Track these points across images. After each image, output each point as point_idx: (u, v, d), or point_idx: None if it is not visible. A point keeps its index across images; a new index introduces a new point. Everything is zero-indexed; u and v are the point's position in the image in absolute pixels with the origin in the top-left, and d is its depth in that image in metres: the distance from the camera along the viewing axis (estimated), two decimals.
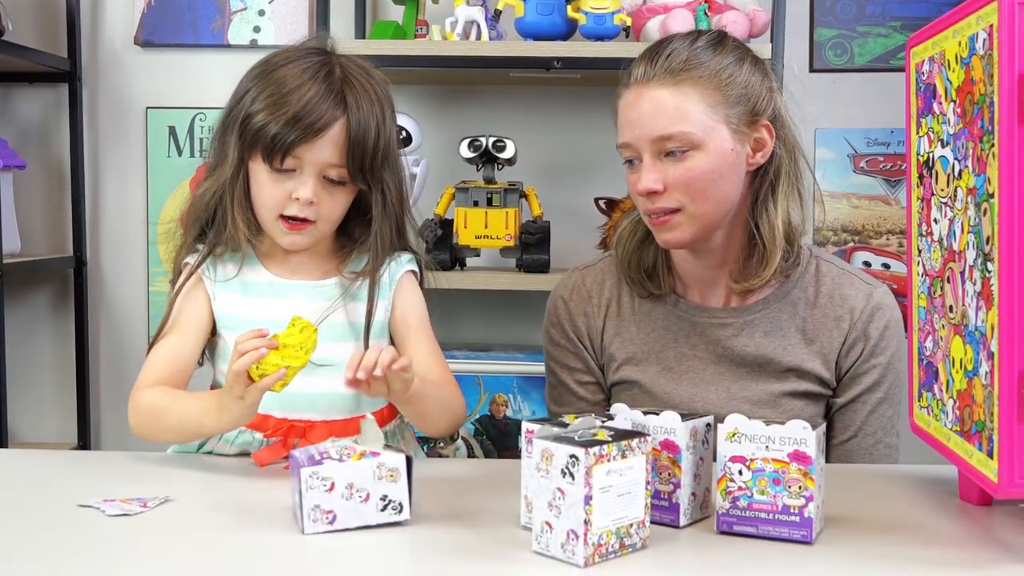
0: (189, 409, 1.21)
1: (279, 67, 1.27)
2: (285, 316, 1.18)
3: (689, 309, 1.41)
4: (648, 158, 1.29)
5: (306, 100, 1.23)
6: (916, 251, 1.16)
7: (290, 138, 1.23)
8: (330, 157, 1.25)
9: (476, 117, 2.40)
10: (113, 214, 2.51)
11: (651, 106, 1.28)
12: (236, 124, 1.26)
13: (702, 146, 1.28)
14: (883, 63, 2.39)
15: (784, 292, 1.39)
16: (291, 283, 1.33)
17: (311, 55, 1.29)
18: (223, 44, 2.44)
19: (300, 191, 1.25)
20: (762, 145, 1.33)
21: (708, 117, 1.28)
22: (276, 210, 1.27)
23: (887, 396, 1.39)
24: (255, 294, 1.32)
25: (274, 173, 1.26)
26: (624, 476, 0.92)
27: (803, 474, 0.96)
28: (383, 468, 0.99)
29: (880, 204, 2.41)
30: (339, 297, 1.33)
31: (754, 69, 1.33)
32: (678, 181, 1.29)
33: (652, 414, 1.04)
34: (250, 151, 1.26)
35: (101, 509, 1.06)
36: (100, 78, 2.48)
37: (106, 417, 2.54)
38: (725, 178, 1.30)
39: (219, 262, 1.33)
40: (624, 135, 1.32)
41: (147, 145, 2.47)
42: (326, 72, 1.27)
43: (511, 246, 2.14)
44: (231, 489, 1.16)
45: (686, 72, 1.28)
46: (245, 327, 1.26)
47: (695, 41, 1.32)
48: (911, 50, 1.16)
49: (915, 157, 1.15)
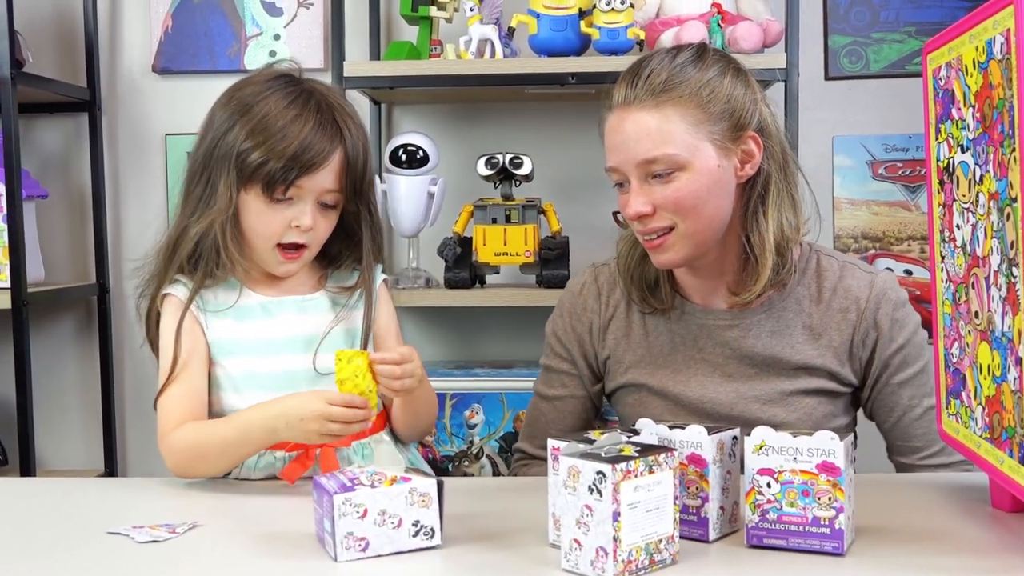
0: (229, 435, 1.24)
1: (259, 100, 1.28)
2: (277, 334, 1.29)
3: (695, 312, 1.42)
4: (635, 181, 1.30)
5: (306, 133, 1.27)
6: (939, 257, 1.16)
7: (294, 172, 1.26)
8: (329, 184, 1.30)
9: (492, 135, 2.41)
10: (135, 240, 2.53)
11: (634, 129, 1.29)
12: (227, 161, 1.27)
13: (687, 166, 1.28)
14: (899, 69, 2.38)
15: (788, 291, 1.39)
16: (281, 300, 1.36)
17: (286, 85, 1.32)
18: (240, 69, 2.46)
19: (302, 219, 1.29)
20: (750, 157, 1.32)
21: (691, 136, 1.28)
22: (274, 239, 1.30)
23: (922, 368, 1.40)
24: (248, 317, 1.34)
25: (272, 203, 1.28)
26: (652, 491, 0.92)
27: (832, 485, 0.96)
28: (415, 493, 0.99)
29: (900, 210, 2.40)
30: (341, 309, 1.37)
31: (736, 81, 1.32)
32: (667, 202, 1.29)
33: (678, 428, 1.03)
34: (245, 185, 1.28)
35: (130, 536, 1.06)
36: (119, 106, 2.50)
37: (132, 443, 2.55)
38: (714, 194, 1.30)
39: (206, 292, 1.34)
40: (611, 159, 1.33)
41: (167, 171, 2.49)
42: (314, 102, 1.30)
43: (531, 262, 2.14)
44: (259, 514, 1.17)
45: (666, 92, 1.28)
46: (242, 351, 1.31)
47: (675, 58, 1.31)
48: (927, 56, 1.15)
49: (935, 163, 1.15)
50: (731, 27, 2.07)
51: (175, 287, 1.33)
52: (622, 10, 2.07)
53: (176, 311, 1.32)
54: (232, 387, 1.32)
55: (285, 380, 1.32)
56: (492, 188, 2.19)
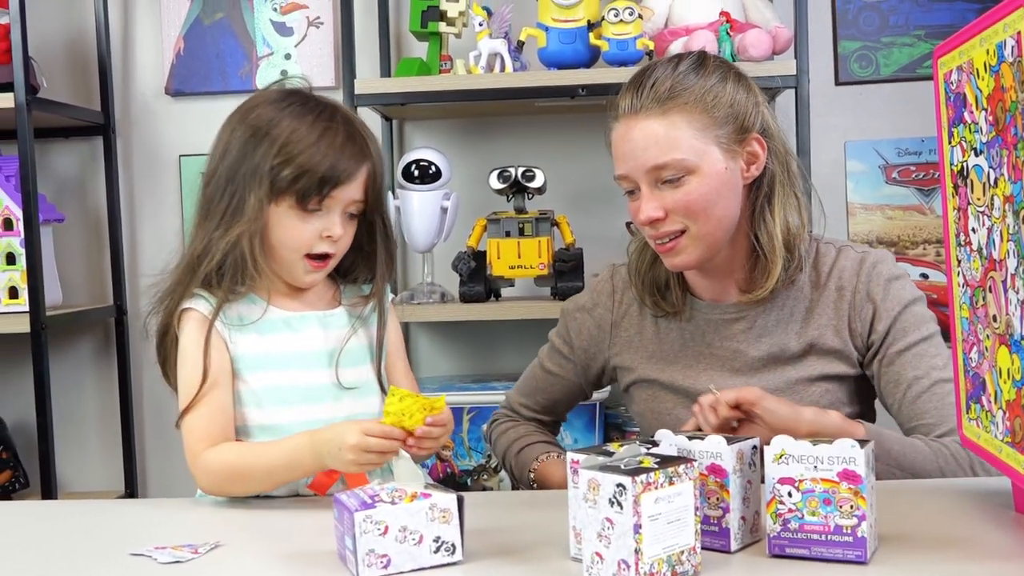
0: (276, 460, 1.25)
1: (284, 117, 1.30)
2: (302, 348, 1.32)
3: (703, 308, 1.45)
4: (646, 187, 1.33)
5: (337, 147, 1.29)
6: (955, 262, 1.15)
7: (328, 184, 1.29)
8: (357, 195, 1.33)
9: (504, 148, 2.42)
10: (151, 262, 2.54)
11: (642, 137, 1.32)
12: (256, 176, 1.29)
13: (696, 170, 1.31)
14: (909, 72, 2.38)
15: (791, 281, 1.42)
16: (304, 315, 1.37)
17: (306, 101, 1.34)
18: (252, 89, 2.47)
19: (333, 229, 1.32)
20: (755, 158, 1.36)
21: (698, 141, 1.31)
22: (304, 249, 1.32)
23: (926, 338, 1.38)
24: (272, 332, 1.35)
25: (304, 214, 1.30)
26: (672, 503, 0.92)
27: (854, 493, 0.95)
28: (435, 509, 0.99)
29: (915, 214, 2.39)
30: (356, 321, 1.39)
31: (738, 86, 1.35)
32: (678, 206, 1.32)
33: (697, 439, 1.03)
34: (277, 198, 1.29)
35: (153, 557, 1.07)
36: (133, 129, 2.52)
37: (151, 464, 2.56)
38: (723, 196, 1.33)
39: (228, 307, 1.34)
40: (620, 168, 1.36)
41: (181, 192, 2.51)
42: (340, 117, 1.33)
43: (545, 275, 2.14)
44: (280, 532, 1.17)
45: (672, 100, 1.31)
46: (266, 366, 1.32)
47: (677, 66, 1.35)
48: (938, 60, 1.15)
49: (949, 167, 1.15)
50: (740, 35, 2.07)
51: (196, 301, 1.33)
52: (631, 21, 2.07)
53: (200, 326, 1.32)
54: (255, 402, 1.33)
55: (309, 394, 1.33)
56: (505, 201, 2.19)
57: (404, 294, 2.28)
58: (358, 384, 1.37)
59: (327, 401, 1.34)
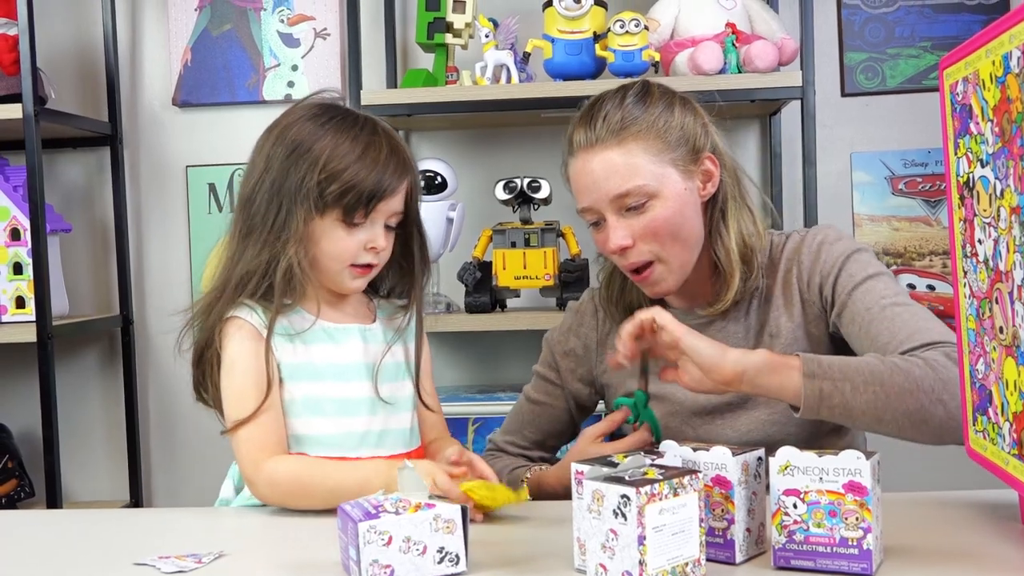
0: (346, 482, 1.24)
1: (324, 133, 1.30)
2: (345, 359, 1.34)
3: (678, 315, 1.42)
4: (611, 217, 1.35)
5: (381, 162, 1.30)
6: (962, 273, 1.15)
7: (374, 199, 1.30)
8: (399, 207, 1.34)
9: (509, 159, 2.42)
10: (157, 272, 2.55)
11: (602, 168, 1.34)
12: (301, 192, 1.29)
13: (658, 194, 1.34)
14: (915, 84, 2.38)
15: (754, 288, 1.43)
16: (346, 328, 1.37)
17: (344, 115, 1.34)
18: (258, 100, 2.48)
19: (378, 241, 1.33)
20: (710, 176, 1.39)
21: (656, 165, 1.34)
22: (349, 260, 1.33)
23: (871, 274, 1.36)
24: (315, 341, 1.34)
25: (349, 227, 1.31)
26: (677, 514, 0.91)
27: (859, 505, 0.95)
28: (440, 520, 0.99)
29: (921, 225, 2.39)
30: (393, 335, 1.40)
31: (684, 111, 1.39)
32: (645, 232, 1.35)
33: (702, 450, 1.03)
34: (322, 213, 1.30)
35: (157, 567, 1.06)
36: (140, 139, 2.53)
37: (157, 474, 2.56)
38: (686, 217, 1.36)
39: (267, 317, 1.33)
40: (583, 200, 1.38)
41: (188, 203, 2.51)
42: (380, 131, 1.34)
43: (551, 285, 2.14)
44: (284, 542, 1.17)
45: (625, 130, 1.34)
46: (308, 376, 1.33)
47: (623, 99, 1.37)
48: (944, 71, 1.15)
49: (955, 178, 1.14)
50: (746, 46, 2.07)
51: (241, 311, 1.32)
52: (636, 32, 2.08)
53: (250, 335, 1.31)
54: (293, 412, 1.32)
55: (346, 406, 1.33)
56: (511, 212, 2.20)
57: None
58: (395, 399, 1.37)
59: (363, 414, 1.34)
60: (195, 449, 2.54)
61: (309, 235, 1.30)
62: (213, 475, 2.48)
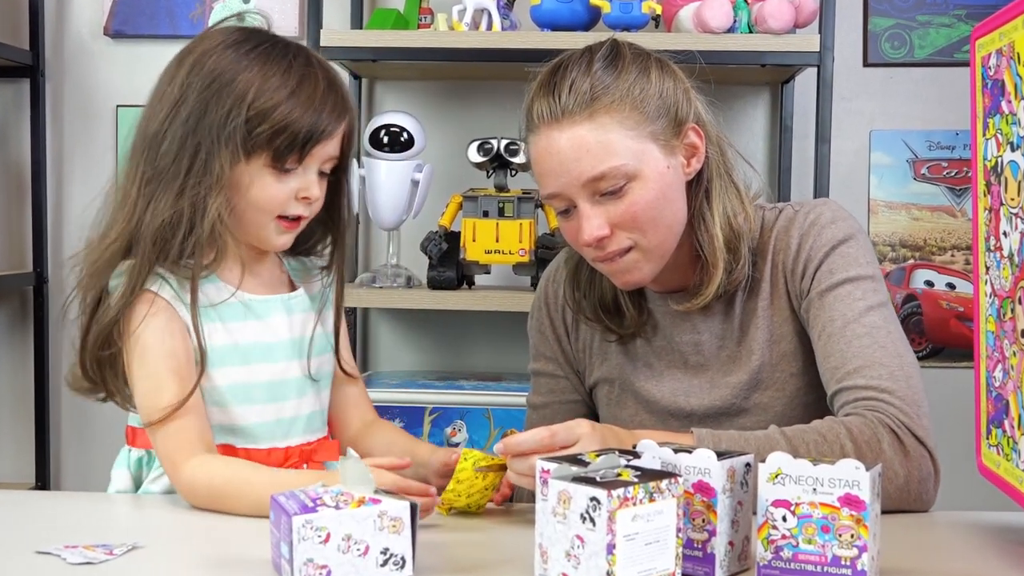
0: (281, 485, 1.15)
1: (249, 63, 1.27)
2: (271, 337, 1.31)
3: (657, 299, 1.45)
4: (584, 204, 1.31)
5: (318, 99, 1.28)
6: (983, 269, 1.16)
7: (310, 141, 1.27)
8: (334, 151, 1.32)
9: (486, 117, 2.42)
10: (78, 225, 2.52)
11: (571, 147, 1.29)
12: (223, 131, 1.25)
13: (638, 175, 1.30)
14: (946, 56, 2.39)
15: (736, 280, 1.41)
16: (267, 300, 1.35)
17: (272, 43, 1.31)
18: None
19: (311, 190, 1.31)
20: (695, 150, 1.35)
21: (633, 141, 1.29)
22: (277, 211, 1.30)
23: (851, 277, 1.34)
24: (235, 318, 1.32)
25: (280, 174, 1.29)
26: (652, 522, 0.92)
27: (856, 521, 0.96)
28: (385, 517, 0.99)
29: (944, 216, 2.41)
30: (317, 303, 1.39)
31: (663, 75, 1.34)
32: (624, 219, 1.31)
33: (684, 452, 1.04)
34: (247, 157, 1.27)
35: (62, 557, 1.06)
36: (66, 73, 2.50)
37: (67, 454, 2.55)
38: (670, 199, 1.32)
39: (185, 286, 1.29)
40: (549, 185, 1.32)
41: (117, 147, 2.49)
42: (315, 64, 1.31)
43: (526, 262, 2.15)
44: (208, 535, 1.17)
45: (596, 101, 1.29)
46: (232, 360, 1.30)
47: (590, 64, 1.32)
48: (976, 42, 1.16)
49: (982, 162, 1.16)
50: (759, 3, 2.08)
51: (155, 283, 1.28)
52: None
53: (163, 312, 1.27)
54: (217, 401, 1.30)
55: (275, 391, 1.33)
56: (484, 177, 2.20)
57: (365, 276, 2.28)
58: (321, 374, 1.38)
59: (292, 397, 1.33)
60: (112, 428, 2.51)
61: (232, 182, 1.27)
62: None
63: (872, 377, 1.27)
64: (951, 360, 2.42)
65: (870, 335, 1.30)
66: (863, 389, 1.27)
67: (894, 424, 1.23)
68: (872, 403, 1.25)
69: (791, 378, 1.39)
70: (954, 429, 1.77)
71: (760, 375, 1.39)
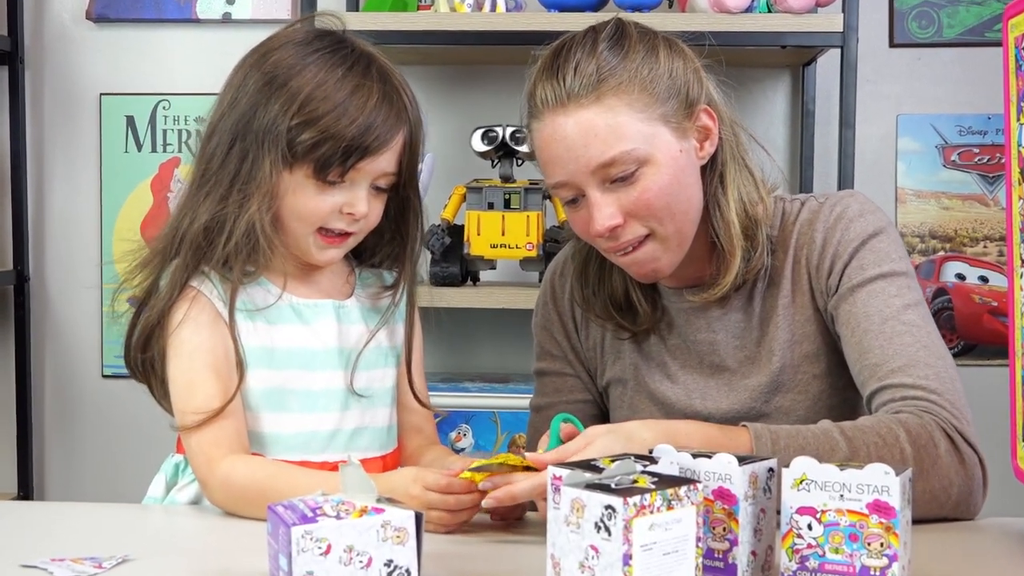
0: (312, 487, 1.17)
1: (307, 65, 1.28)
2: (315, 344, 1.32)
3: (671, 295, 1.45)
4: (594, 192, 1.31)
5: (369, 110, 1.27)
6: (1018, 261, 1.16)
7: (354, 155, 1.27)
8: (389, 167, 1.31)
9: (490, 104, 2.42)
10: (61, 220, 2.53)
11: (578, 132, 1.29)
12: (269, 136, 1.27)
13: (649, 159, 1.30)
14: (977, 36, 2.39)
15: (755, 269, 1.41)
16: (316, 304, 1.36)
17: (336, 47, 1.31)
18: (191, 19, 2.46)
19: (356, 206, 1.29)
20: (708, 133, 1.36)
21: (644, 124, 1.30)
22: (318, 223, 1.30)
23: (884, 273, 1.35)
24: (280, 320, 1.33)
25: (322, 186, 1.28)
26: (670, 531, 0.92)
27: (885, 528, 0.96)
28: (389, 528, 0.99)
29: (976, 205, 2.41)
30: (379, 320, 1.39)
31: (672, 55, 1.34)
32: (637, 207, 1.31)
33: (703, 457, 1.04)
34: (291, 165, 1.27)
35: (48, 570, 1.06)
36: (46, 59, 2.51)
37: (52, 461, 2.56)
38: (684, 184, 1.33)
39: (228, 288, 1.31)
40: (556, 173, 1.33)
41: (101, 138, 2.50)
42: (376, 71, 1.30)
43: (533, 256, 2.15)
44: (203, 546, 1.17)
45: (603, 83, 1.30)
46: (273, 363, 1.31)
47: (595, 45, 1.33)
48: (1009, 22, 1.16)
49: (1016, 149, 1.15)
50: None
51: (197, 280, 1.31)
52: None
53: (207, 313, 1.29)
54: (249, 405, 1.31)
55: (313, 400, 1.33)
56: (489, 167, 2.20)
57: None
58: (371, 391, 1.36)
59: (334, 410, 1.33)
60: (100, 434, 2.53)
61: (276, 190, 1.28)
62: (121, 466, 2.49)
63: (919, 376, 1.27)
64: (984, 358, 2.42)
65: (911, 333, 1.30)
66: (910, 388, 1.27)
67: (948, 428, 1.24)
68: (922, 403, 1.25)
69: (814, 380, 1.39)
70: (987, 430, 1.76)
71: (781, 377, 1.39)
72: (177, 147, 2.49)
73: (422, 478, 1.18)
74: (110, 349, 2.49)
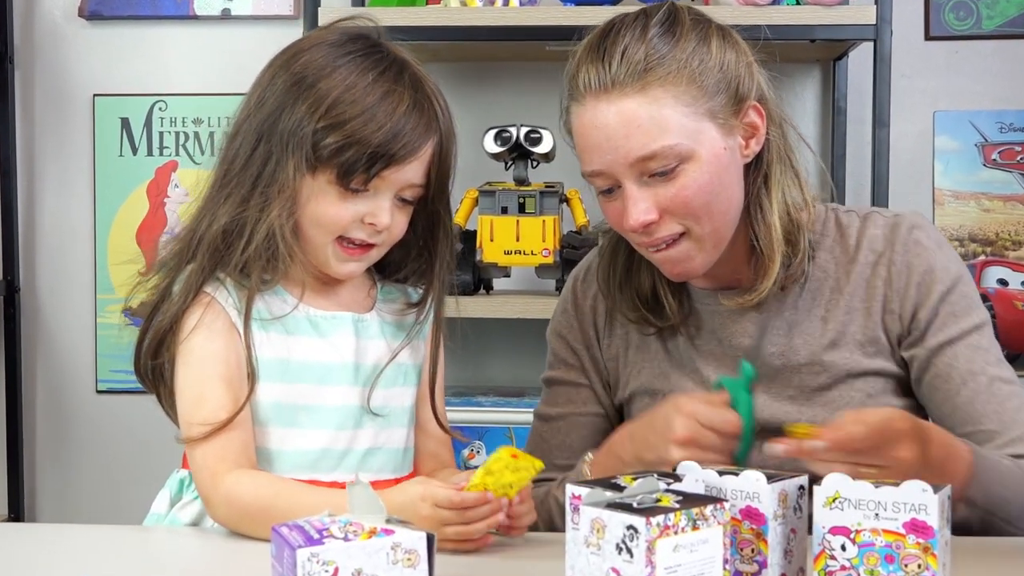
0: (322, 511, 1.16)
1: (336, 68, 1.29)
2: (330, 357, 1.32)
3: (705, 297, 1.44)
4: (631, 184, 1.32)
5: (398, 117, 1.28)
6: None
7: (379, 163, 1.27)
8: (415, 178, 1.32)
9: (504, 102, 2.42)
10: (53, 228, 2.54)
11: (620, 122, 1.30)
12: (293, 139, 1.28)
13: (692, 156, 1.30)
14: (1018, 28, 2.39)
15: (799, 271, 1.41)
16: (335, 316, 1.36)
17: (369, 50, 1.32)
18: (188, 16, 2.48)
19: (379, 216, 1.30)
20: (755, 130, 1.37)
21: (689, 119, 1.30)
22: (337, 232, 1.31)
23: (976, 324, 1.38)
24: (295, 332, 1.34)
25: (345, 193, 1.29)
26: (696, 552, 0.92)
27: (923, 549, 0.96)
28: (399, 550, 0.99)
29: (1018, 206, 2.40)
30: (393, 331, 1.39)
31: (724, 45, 1.35)
32: (675, 204, 1.31)
33: (730, 474, 1.04)
34: (315, 169, 1.28)
35: None
36: (37, 58, 2.52)
37: (44, 482, 2.56)
38: (725, 184, 1.33)
39: (244, 296, 1.32)
40: (593, 162, 1.34)
41: (94, 141, 2.51)
42: (408, 77, 1.32)
43: (549, 263, 2.15)
44: (202, 570, 1.17)
45: (650, 72, 1.30)
46: (287, 376, 1.31)
47: (646, 30, 1.33)
48: None
49: None
50: None
51: (211, 286, 1.31)
52: None
53: (220, 320, 1.30)
54: (261, 420, 1.31)
55: (332, 417, 1.33)
56: (503, 169, 2.20)
57: None
58: (388, 409, 1.36)
59: (347, 428, 1.33)
60: (94, 453, 2.54)
61: (297, 195, 1.29)
62: (117, 487, 2.50)
63: None
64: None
65: (1019, 396, 1.35)
66: None
67: None
68: None
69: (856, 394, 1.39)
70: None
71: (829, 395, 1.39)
72: (174, 150, 2.50)
73: (431, 496, 1.18)
74: (105, 364, 2.49)
